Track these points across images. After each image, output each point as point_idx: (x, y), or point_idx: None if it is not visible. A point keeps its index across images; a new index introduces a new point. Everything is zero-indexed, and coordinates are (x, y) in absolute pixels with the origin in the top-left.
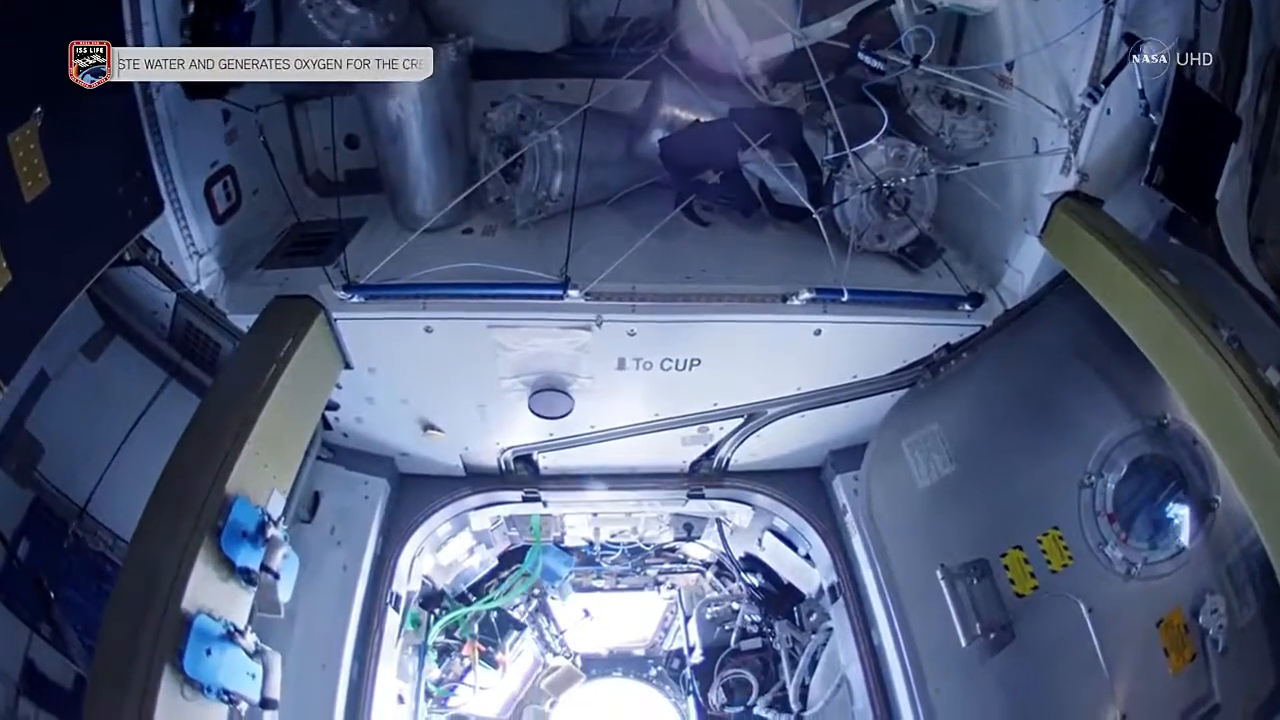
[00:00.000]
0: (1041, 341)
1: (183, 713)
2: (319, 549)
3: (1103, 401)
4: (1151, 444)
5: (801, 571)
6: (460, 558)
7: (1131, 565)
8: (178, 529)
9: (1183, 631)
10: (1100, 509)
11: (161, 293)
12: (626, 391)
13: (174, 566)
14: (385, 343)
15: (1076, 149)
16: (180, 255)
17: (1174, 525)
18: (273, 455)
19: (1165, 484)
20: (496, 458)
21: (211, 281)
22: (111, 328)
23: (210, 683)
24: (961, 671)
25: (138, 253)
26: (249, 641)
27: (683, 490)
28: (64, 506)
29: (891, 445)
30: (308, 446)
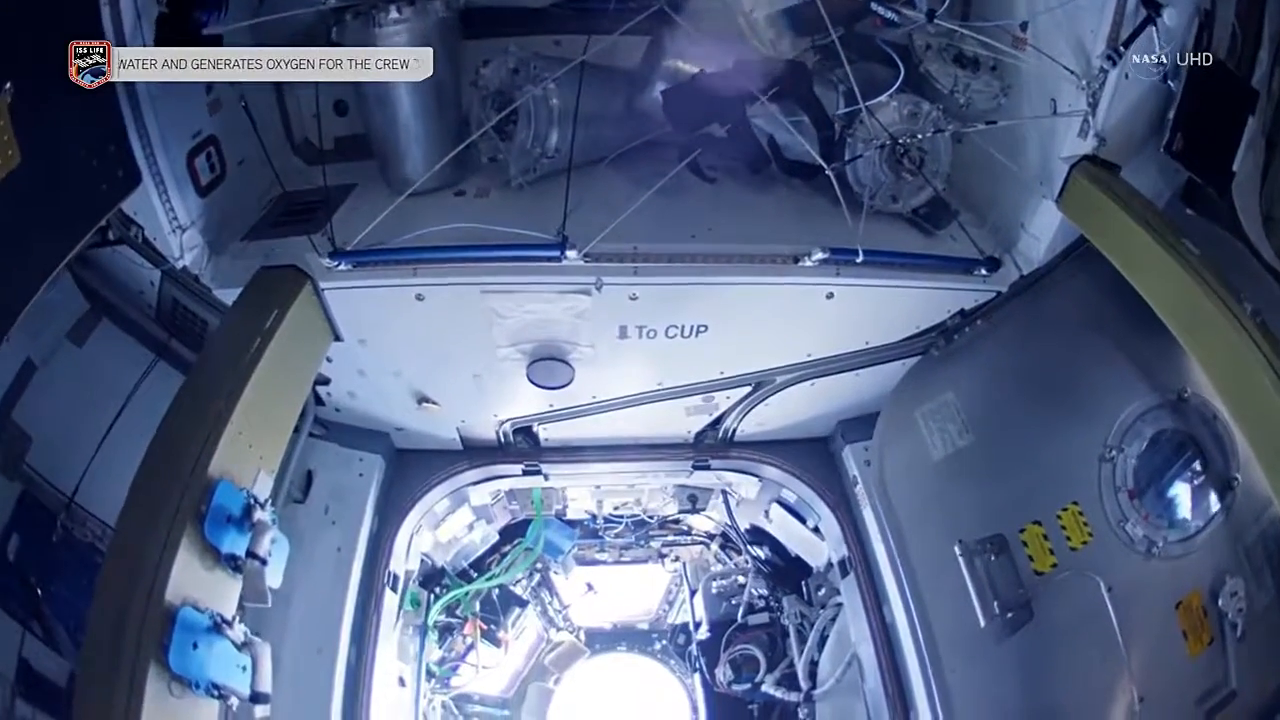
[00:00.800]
0: (1058, 310)
1: (171, 711)
2: (313, 530)
3: (1122, 373)
4: (1172, 418)
5: (810, 545)
6: (460, 534)
7: (1152, 544)
8: (158, 517)
9: (1201, 614)
10: (1121, 484)
11: (146, 271)
12: (629, 361)
13: (155, 557)
14: (375, 312)
15: (1095, 111)
16: (163, 230)
17: (1194, 503)
18: (258, 435)
19: (1185, 460)
20: (495, 430)
21: (195, 256)
22: (97, 311)
23: (198, 678)
24: (978, 652)
25: (121, 231)
26: (237, 633)
27: (687, 461)
28: (53, 498)
29: (904, 415)
30: (298, 424)
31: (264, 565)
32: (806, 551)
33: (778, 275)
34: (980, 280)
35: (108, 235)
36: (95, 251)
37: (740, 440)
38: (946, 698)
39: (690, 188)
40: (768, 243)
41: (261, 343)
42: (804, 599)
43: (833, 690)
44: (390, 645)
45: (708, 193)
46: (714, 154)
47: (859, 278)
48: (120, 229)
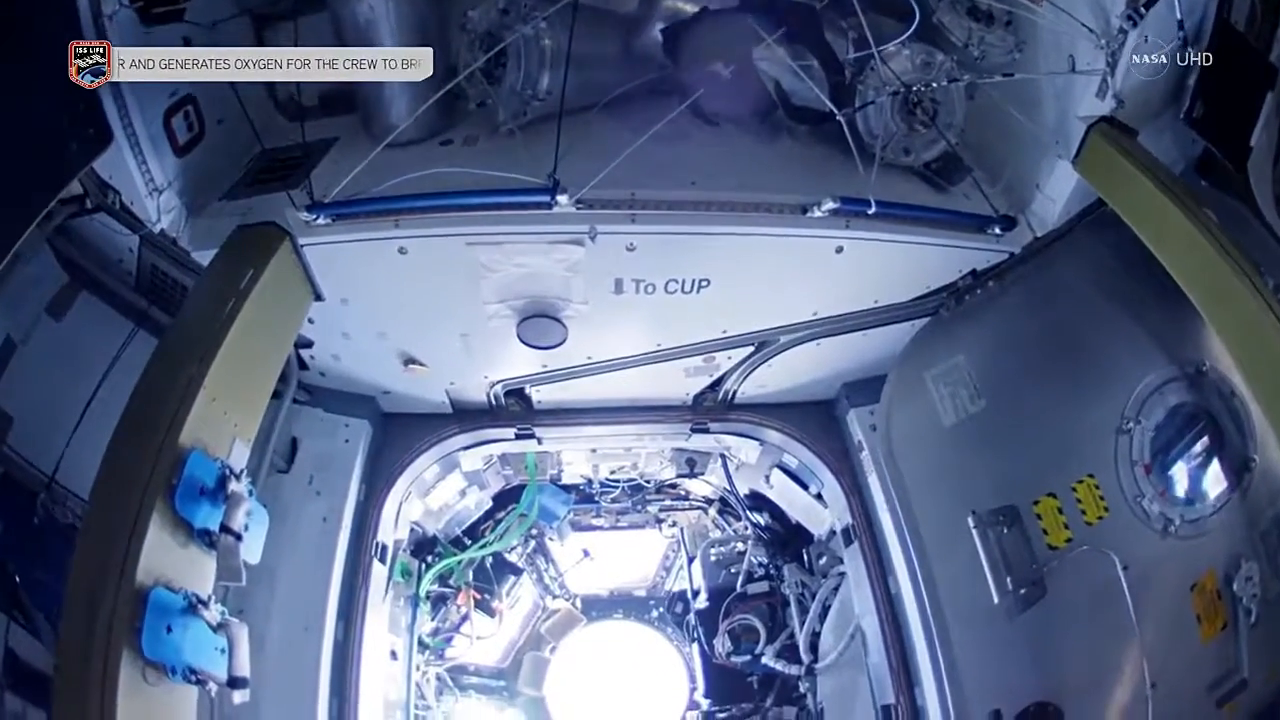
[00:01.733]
0: (1073, 275)
1: (148, 700)
2: (298, 501)
3: (1139, 343)
4: (1189, 393)
5: (812, 511)
6: (451, 501)
7: (1169, 522)
8: (128, 493)
9: (1215, 598)
10: (1138, 458)
11: (124, 237)
12: (626, 318)
13: (125, 535)
14: (357, 269)
15: (1114, 72)
16: (139, 194)
17: (1210, 482)
18: (234, 401)
19: (1202, 437)
20: (486, 392)
21: (173, 218)
22: (76, 283)
23: (174, 663)
24: (988, 628)
25: (98, 198)
26: (213, 613)
27: (685, 424)
28: (35, 480)
29: (913, 377)
30: (281, 390)
31: (239, 540)
32: (808, 519)
33: (785, 226)
34: (993, 240)
35: (85, 203)
36: (73, 221)
37: (740, 403)
38: (955, 675)
39: (691, 135)
40: (774, 192)
41: (236, 303)
42: (805, 568)
43: (835, 664)
44: (380, 618)
45: (710, 140)
46: (717, 99)
47: (870, 231)
48: (97, 195)
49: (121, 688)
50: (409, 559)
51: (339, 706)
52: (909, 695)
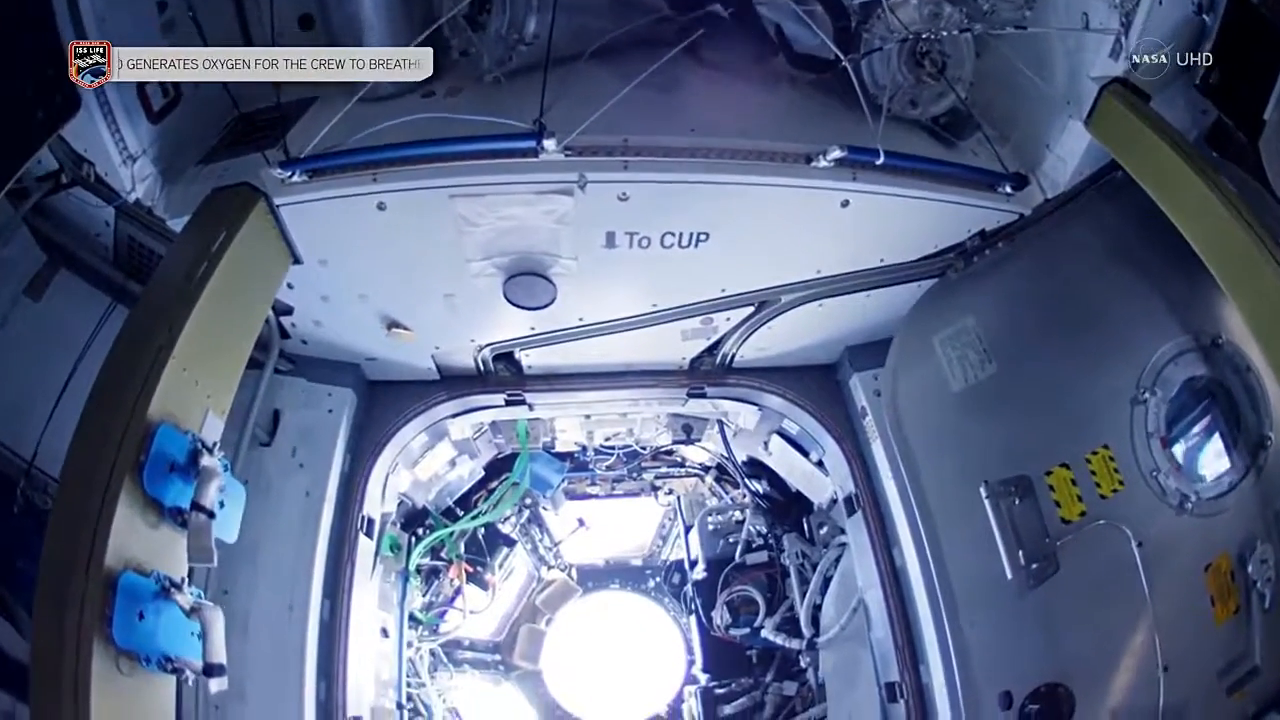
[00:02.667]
0: (1085, 239)
1: (123, 691)
2: (280, 475)
3: (1154, 310)
4: (1205, 365)
5: (812, 479)
6: (441, 471)
7: (1185, 498)
8: (94, 471)
9: (1229, 580)
10: (1154, 430)
11: (100, 210)
12: (618, 276)
13: (93, 517)
14: (335, 228)
15: (1128, 32)
16: (113, 163)
17: (1225, 460)
18: (206, 371)
19: (1217, 412)
20: (473, 357)
21: (148, 186)
22: (55, 262)
23: (148, 651)
24: (998, 605)
25: (73, 172)
26: (186, 597)
27: (682, 389)
28: (16, 467)
29: (920, 340)
30: (263, 360)
31: (211, 519)
32: (808, 487)
33: (789, 176)
34: (1003, 200)
35: (61, 178)
36: (50, 199)
37: (739, 366)
38: (964, 653)
39: (688, 83)
40: (777, 140)
41: (208, 268)
42: (805, 538)
43: (837, 638)
44: (368, 595)
45: (708, 89)
46: (714, 45)
47: (877, 185)
48: (72, 169)
49: (95, 679)
50: (398, 533)
51: (327, 688)
52: (914, 673)
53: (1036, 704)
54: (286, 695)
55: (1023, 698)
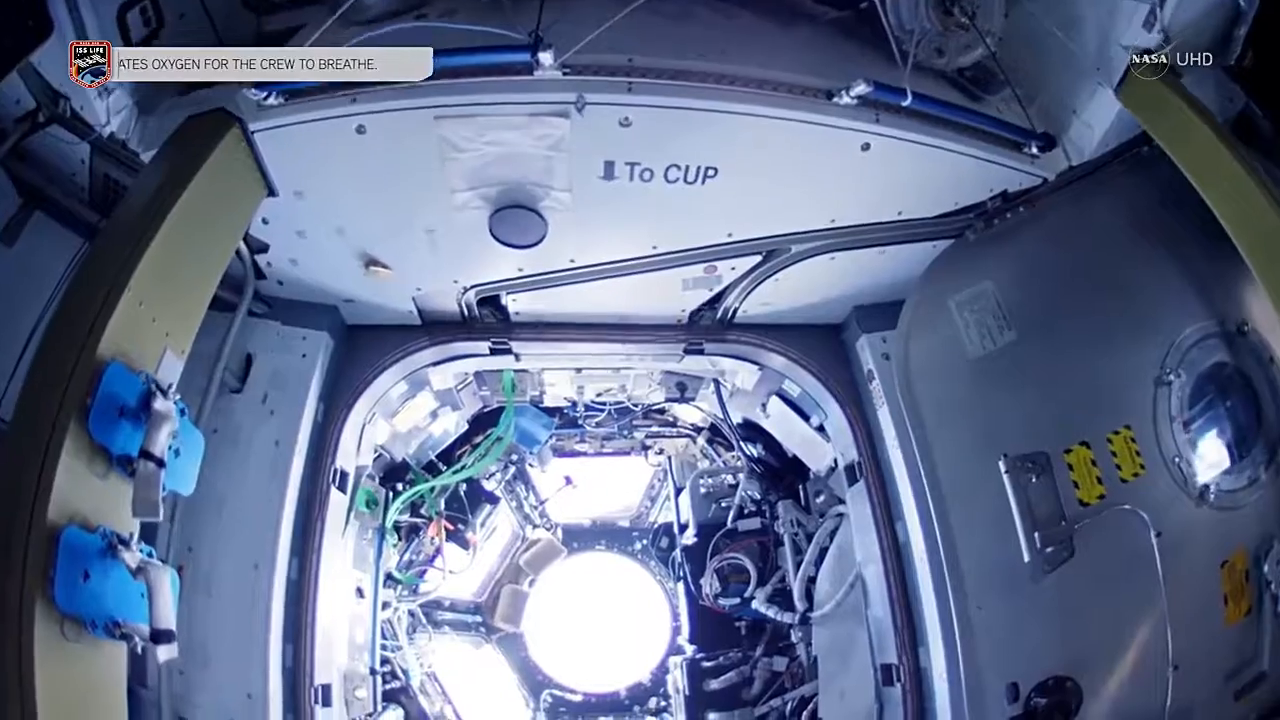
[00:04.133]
0: (1111, 211)
1: (69, 659)
2: (250, 424)
3: (1180, 290)
4: (1229, 352)
5: (811, 445)
6: (422, 423)
7: (1205, 488)
8: (38, 415)
9: (1244, 579)
10: (1177, 414)
11: (75, 147)
12: (616, 212)
13: (35, 465)
14: (312, 155)
15: (1163, 3)
16: (89, 97)
17: (1246, 452)
18: (165, 305)
19: (1239, 403)
20: (457, 300)
21: (123, 119)
22: (30, 205)
23: (94, 615)
24: (1010, 589)
25: (50, 110)
26: (133, 555)
27: (679, 344)
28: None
29: (935, 302)
30: (235, 301)
31: (160, 468)
32: (806, 452)
33: (807, 111)
34: (1028, 161)
35: (38, 117)
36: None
37: (741, 322)
38: (970, 638)
39: (700, 13)
40: (797, 72)
41: (172, 196)
42: (800, 506)
43: (832, 614)
44: (340, 553)
45: (722, 19)
46: None
47: (901, 130)
48: (49, 106)
49: (38, 645)
50: (375, 487)
51: (294, 653)
52: (912, 655)
53: (1044, 697)
54: (251, 660)
55: (1029, 690)
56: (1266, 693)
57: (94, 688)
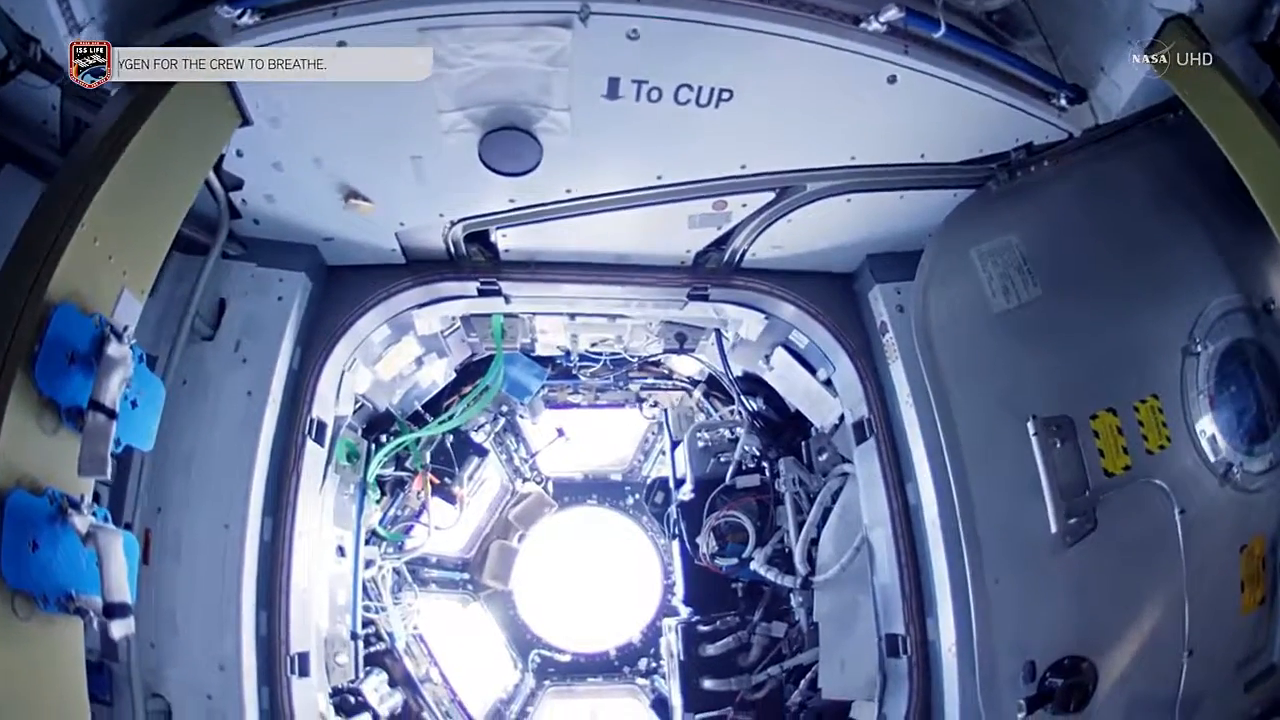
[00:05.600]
0: (1136, 175)
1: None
2: (220, 373)
3: (1207, 261)
4: (1254, 329)
5: (816, 400)
6: (406, 371)
7: (1230, 467)
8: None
9: (1261, 566)
10: (1204, 387)
11: (45, 92)
12: (619, 136)
13: None
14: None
15: None
16: (59, 37)
17: (1268, 434)
18: (123, 243)
19: (1265, 382)
20: (443, 235)
21: None
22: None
23: (46, 589)
24: (1030, 561)
25: (21, 55)
26: (84, 519)
27: (683, 289)
28: None
29: (957, 251)
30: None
31: (110, 419)
32: (811, 408)
33: (833, 35)
34: (1056, 113)
35: (9, 66)
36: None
37: (748, 266)
38: (984, 611)
39: None
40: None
41: (133, 126)
42: (802, 463)
43: (835, 579)
44: (318, 510)
45: None
46: None
47: (930, 64)
48: (20, 53)
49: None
50: (357, 439)
51: (268, 621)
52: (920, 626)
53: (1059, 677)
54: (223, 629)
55: (1044, 669)
56: (1275, 686)
57: (50, 668)
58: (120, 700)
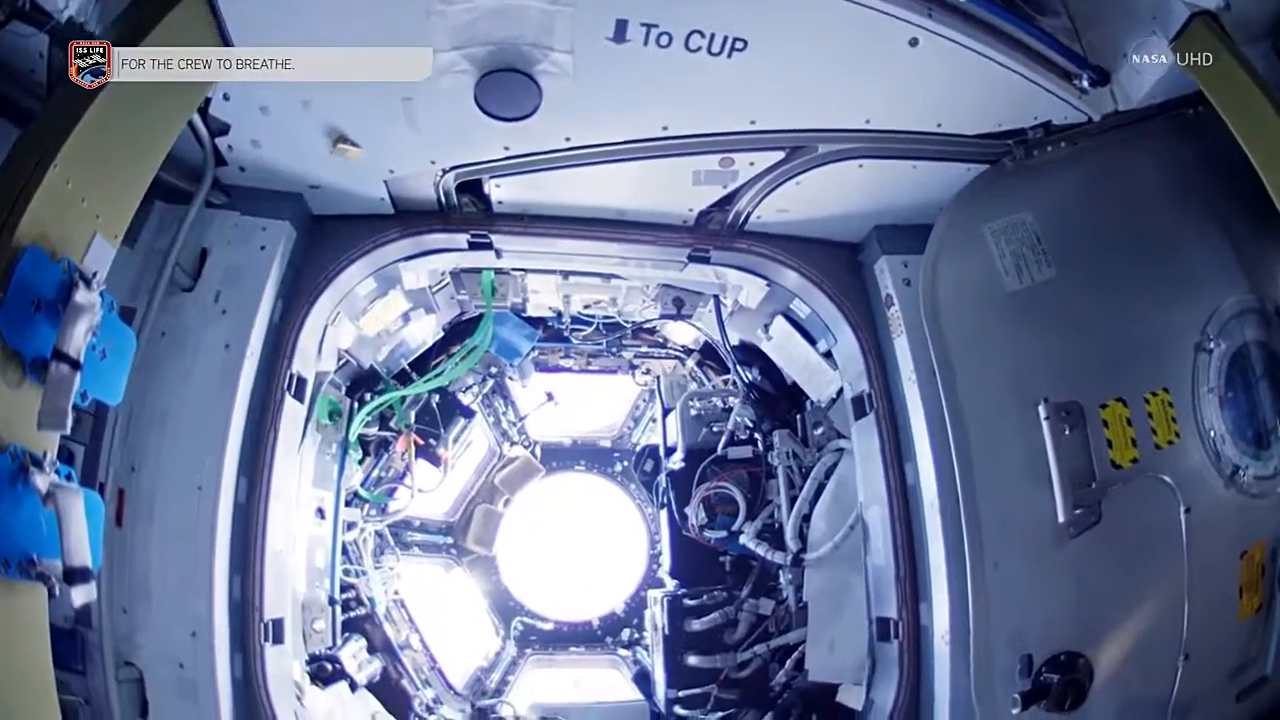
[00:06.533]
0: (1154, 167)
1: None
2: (198, 325)
3: (1223, 259)
4: (1266, 332)
5: (815, 372)
6: (392, 326)
7: (1237, 470)
8: None
9: (1260, 573)
10: (1214, 385)
11: (33, 40)
12: (624, 83)
13: None
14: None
15: None
16: None
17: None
18: (97, 184)
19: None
20: (433, 184)
21: (82, 2)
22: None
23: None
24: (1032, 550)
25: (10, 5)
26: (45, 478)
27: (684, 249)
28: None
29: (969, 226)
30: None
31: (75, 370)
32: (808, 380)
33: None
34: (1077, 94)
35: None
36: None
37: (752, 230)
38: (982, 599)
39: None
40: None
41: None
42: (797, 437)
43: (827, 558)
44: (296, 470)
45: None
46: None
47: (954, 30)
48: (9, 3)
49: None
50: (340, 397)
51: (242, 585)
52: (913, 611)
53: (1055, 673)
54: (195, 594)
55: (1040, 663)
56: (1266, 699)
57: (12, 637)
58: (93, 669)
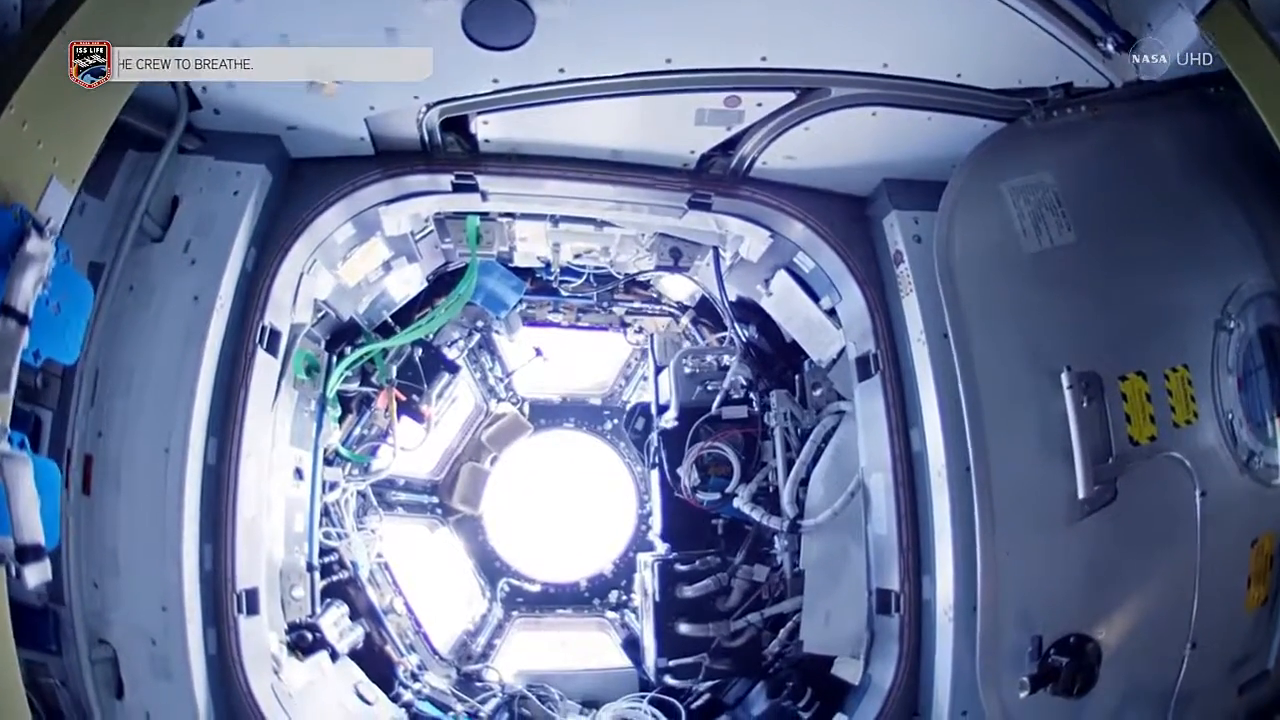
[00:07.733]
0: (1176, 142)
1: None
2: (166, 276)
3: (1244, 238)
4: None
5: (816, 330)
6: (373, 276)
7: (1252, 455)
8: None
9: (1268, 564)
10: (1233, 366)
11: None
12: (626, 9)
13: None
14: None
15: None
16: None
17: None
18: (54, 128)
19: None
20: (416, 122)
21: None
22: None
23: None
24: (1044, 526)
25: None
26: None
27: (683, 194)
28: None
29: (986, 183)
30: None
31: (22, 325)
32: (809, 338)
33: None
34: (1100, 58)
35: None
36: None
37: (757, 177)
38: (991, 575)
39: None
40: None
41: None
42: (794, 398)
43: (825, 525)
44: (269, 428)
45: None
46: None
47: None
48: None
49: None
50: (318, 351)
51: (213, 554)
52: (914, 583)
53: (1064, 655)
54: (165, 565)
55: (1049, 645)
56: (1266, 693)
57: None
58: (68, 648)
